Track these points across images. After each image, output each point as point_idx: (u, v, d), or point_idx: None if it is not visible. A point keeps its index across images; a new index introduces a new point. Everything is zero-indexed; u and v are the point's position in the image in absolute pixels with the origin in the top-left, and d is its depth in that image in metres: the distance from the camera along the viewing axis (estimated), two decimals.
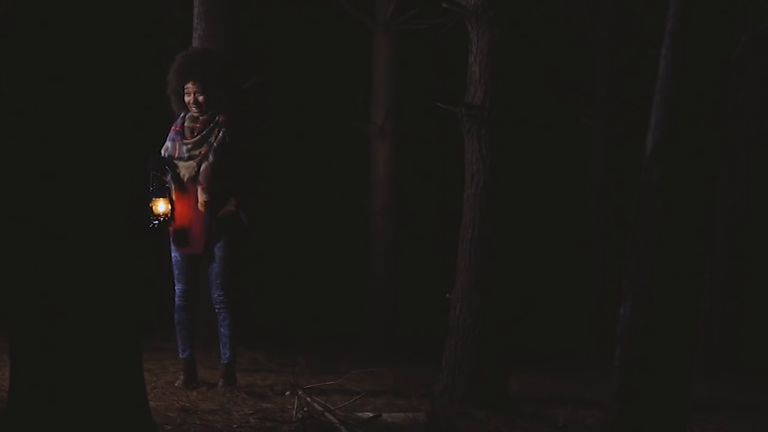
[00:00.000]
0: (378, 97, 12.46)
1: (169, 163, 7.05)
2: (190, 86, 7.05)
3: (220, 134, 7.04)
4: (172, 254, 7.13)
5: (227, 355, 7.16)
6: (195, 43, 9.21)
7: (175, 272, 7.15)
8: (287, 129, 14.13)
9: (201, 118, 7.08)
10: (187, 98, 7.07)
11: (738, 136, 12.21)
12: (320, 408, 6.11)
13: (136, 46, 4.55)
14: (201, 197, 6.99)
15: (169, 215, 7.00)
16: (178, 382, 7.24)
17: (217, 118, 7.06)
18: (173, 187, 7.05)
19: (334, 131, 14.21)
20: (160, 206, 6.97)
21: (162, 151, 7.10)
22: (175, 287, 7.16)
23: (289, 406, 6.46)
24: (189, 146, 7.05)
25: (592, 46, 13.88)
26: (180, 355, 7.26)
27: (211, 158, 7.01)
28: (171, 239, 7.10)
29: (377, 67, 12.49)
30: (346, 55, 14.41)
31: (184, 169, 7.04)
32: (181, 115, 7.15)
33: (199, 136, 7.05)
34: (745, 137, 12.50)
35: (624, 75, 13.59)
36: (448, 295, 7.10)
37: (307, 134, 14.74)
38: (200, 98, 7.04)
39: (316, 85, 14.78)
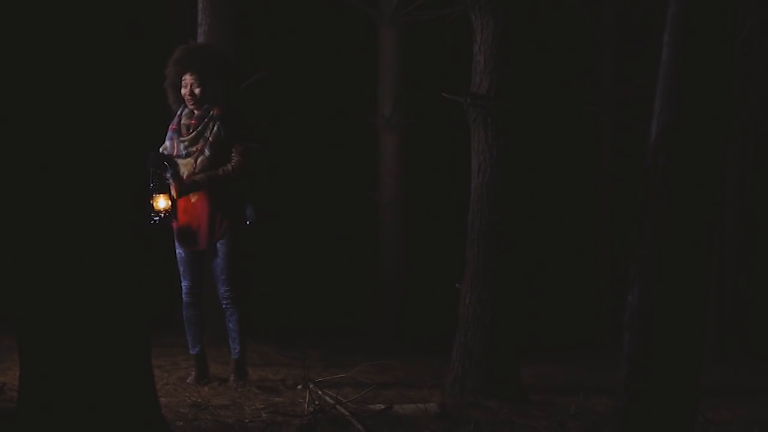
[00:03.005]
0: (385, 89, 12.46)
1: (169, 159, 7.06)
2: (187, 77, 7.07)
3: (215, 128, 7.04)
4: (177, 251, 7.14)
5: (237, 350, 7.17)
6: (200, 39, 9.23)
7: (181, 269, 7.16)
8: (295, 122, 14.12)
9: (196, 113, 7.08)
10: (183, 90, 7.08)
11: (746, 120, 12.17)
12: (331, 401, 6.11)
13: (137, 42, 4.54)
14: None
15: (169, 211, 7.02)
16: (189, 378, 7.26)
17: (211, 112, 7.07)
18: (173, 185, 7.06)
19: (341, 124, 14.20)
20: (161, 202, 6.99)
21: (161, 150, 7.11)
22: (182, 284, 7.18)
23: (301, 400, 6.47)
24: (186, 143, 7.06)
25: (597, 33, 13.84)
26: (190, 351, 7.28)
27: (207, 152, 7.02)
28: (174, 236, 7.11)
29: (383, 58, 12.49)
30: (353, 48, 14.40)
31: (183, 166, 7.05)
32: (178, 112, 7.16)
33: (194, 133, 7.06)
34: (753, 121, 12.46)
35: (631, 62, 13.55)
36: (457, 285, 7.10)
37: (315, 127, 14.73)
38: (196, 90, 7.04)
39: (322, 78, 14.77)
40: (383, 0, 12.36)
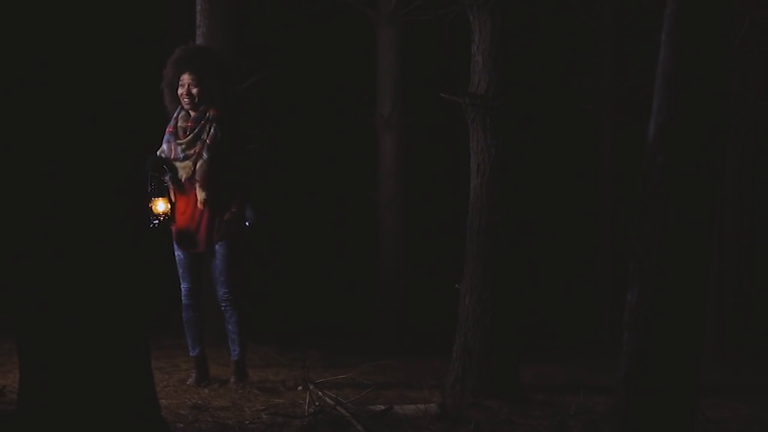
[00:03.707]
0: (384, 89, 12.44)
1: (167, 162, 7.07)
2: (185, 77, 7.07)
3: (212, 130, 7.04)
4: (176, 253, 7.14)
5: (237, 352, 7.18)
6: (199, 41, 9.22)
7: (180, 271, 7.16)
8: (294, 123, 14.12)
9: (192, 115, 7.08)
10: (180, 90, 7.07)
11: (744, 118, 12.17)
12: (332, 402, 6.12)
13: (136, 44, 4.55)
14: (200, 195, 7.00)
15: (168, 214, 7.02)
16: (189, 379, 7.27)
17: (208, 114, 7.07)
18: (172, 188, 7.06)
19: (340, 124, 14.20)
20: (160, 206, 7.00)
21: (158, 153, 7.12)
22: (181, 286, 7.18)
23: (301, 401, 6.48)
24: (183, 146, 7.06)
25: (596, 32, 13.85)
26: (190, 353, 7.28)
27: (205, 155, 7.01)
28: (174, 239, 7.12)
29: (382, 59, 12.47)
30: (351, 48, 14.39)
31: (182, 169, 7.05)
32: (174, 115, 7.16)
33: (191, 135, 7.06)
34: (752, 119, 12.46)
35: (630, 61, 13.56)
36: (457, 285, 7.10)
37: (314, 128, 14.73)
38: (194, 90, 7.04)
39: (321, 79, 14.77)
40: (381, 0, 12.35)
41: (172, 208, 7.06)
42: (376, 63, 12.53)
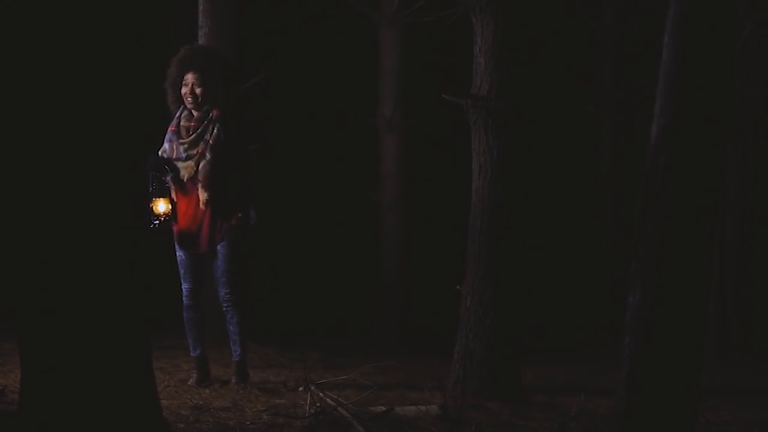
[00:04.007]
0: (385, 90, 12.44)
1: (169, 163, 7.06)
2: (189, 77, 7.06)
3: (215, 131, 7.03)
4: (177, 254, 7.14)
5: (238, 352, 7.18)
6: (201, 41, 9.23)
7: (181, 271, 7.16)
8: (295, 124, 14.11)
9: (195, 114, 7.07)
10: (183, 89, 7.06)
11: (746, 121, 12.17)
12: (333, 403, 6.12)
13: (137, 44, 4.55)
14: (202, 195, 7.00)
15: (169, 215, 7.02)
16: (190, 380, 7.27)
17: (211, 114, 7.05)
18: (173, 188, 7.06)
19: (342, 125, 14.19)
20: (161, 206, 6.99)
21: (160, 153, 7.10)
22: (182, 286, 7.18)
23: (302, 402, 6.47)
24: (186, 146, 7.05)
25: (598, 33, 13.85)
26: (191, 354, 7.28)
27: (208, 156, 7.00)
28: (175, 239, 7.11)
29: (384, 60, 12.47)
30: (353, 49, 14.39)
31: (184, 169, 7.04)
32: (177, 114, 7.15)
33: (194, 135, 7.05)
34: (753, 122, 12.46)
35: (631, 63, 13.55)
36: (458, 286, 7.10)
37: (316, 129, 14.73)
38: (198, 90, 7.03)
39: (323, 80, 14.77)
40: (384, 1, 12.36)
41: (174, 209, 7.05)
42: (378, 64, 12.54)
